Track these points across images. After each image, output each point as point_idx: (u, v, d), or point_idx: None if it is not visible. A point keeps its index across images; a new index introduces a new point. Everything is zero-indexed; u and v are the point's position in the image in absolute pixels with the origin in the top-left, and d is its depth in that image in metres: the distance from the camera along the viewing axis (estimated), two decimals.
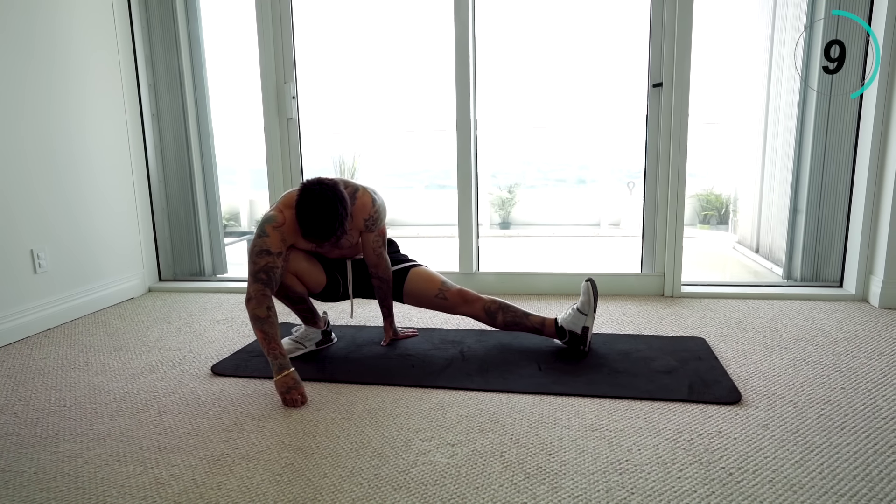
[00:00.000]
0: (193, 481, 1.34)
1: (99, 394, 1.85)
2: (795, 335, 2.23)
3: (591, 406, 1.68)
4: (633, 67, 2.64)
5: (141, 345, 2.32)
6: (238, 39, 3.12)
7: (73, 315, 2.67)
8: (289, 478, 1.34)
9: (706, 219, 5.22)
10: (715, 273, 4.00)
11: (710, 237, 4.94)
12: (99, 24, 2.84)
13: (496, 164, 6.07)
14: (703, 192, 5.28)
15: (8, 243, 2.38)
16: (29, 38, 2.46)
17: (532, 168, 6.13)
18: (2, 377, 2.02)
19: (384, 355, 2.13)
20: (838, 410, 1.61)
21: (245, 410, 1.70)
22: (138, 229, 3.14)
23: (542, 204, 5.83)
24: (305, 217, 1.74)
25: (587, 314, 2.06)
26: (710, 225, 5.16)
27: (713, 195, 5.22)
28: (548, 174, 6.11)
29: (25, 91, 2.45)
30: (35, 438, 1.57)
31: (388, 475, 1.35)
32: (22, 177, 2.43)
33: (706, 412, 1.62)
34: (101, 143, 2.87)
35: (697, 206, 5.28)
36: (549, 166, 6.14)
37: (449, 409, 1.68)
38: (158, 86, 3.22)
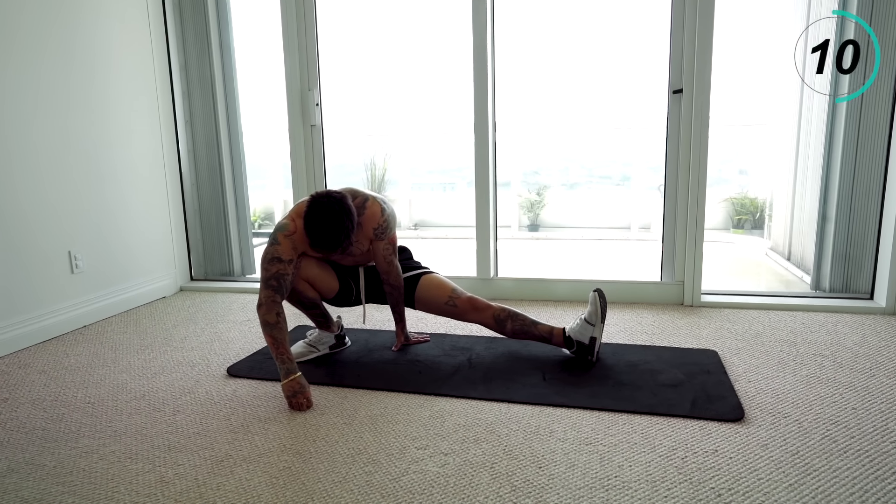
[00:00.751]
0: (196, 481, 1.41)
1: (121, 391, 1.96)
2: (814, 350, 2.17)
3: (589, 419, 1.68)
4: (665, 69, 2.60)
5: (166, 344, 2.43)
6: (267, 45, 3.21)
7: (107, 313, 2.82)
8: (284, 481, 1.40)
9: (740, 223, 5.08)
10: (744, 280, 3.90)
11: (743, 242, 4.81)
12: (135, 33, 2.98)
13: (526, 165, 6.05)
14: (737, 195, 5.14)
15: (47, 245, 2.53)
16: (70, 48, 2.60)
17: (563, 170, 6.08)
18: (37, 373, 2.15)
19: (393, 360, 2.17)
20: (845, 432, 1.57)
21: (253, 412, 1.78)
22: (171, 231, 3.27)
23: (572, 206, 5.78)
24: (313, 229, 1.80)
25: (594, 324, 2.06)
26: (744, 230, 5.02)
27: (748, 199, 5.07)
28: (579, 176, 6.05)
29: (65, 98, 2.59)
30: (58, 433, 1.68)
31: (379, 482, 1.39)
32: (60, 181, 2.58)
33: (706, 429, 1.60)
34: (137, 148, 3.00)
35: (731, 210, 5.14)
36: (580, 168, 6.08)
37: (448, 418, 1.71)
38: (192, 92, 3.35)
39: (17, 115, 2.39)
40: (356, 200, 2.00)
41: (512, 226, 5.65)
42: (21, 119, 2.40)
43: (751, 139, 5.08)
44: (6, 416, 1.80)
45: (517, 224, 5.65)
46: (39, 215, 2.49)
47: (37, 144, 2.47)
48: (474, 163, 2.93)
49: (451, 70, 5.21)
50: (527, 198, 5.65)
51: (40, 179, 2.49)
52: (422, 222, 6.03)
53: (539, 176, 5.99)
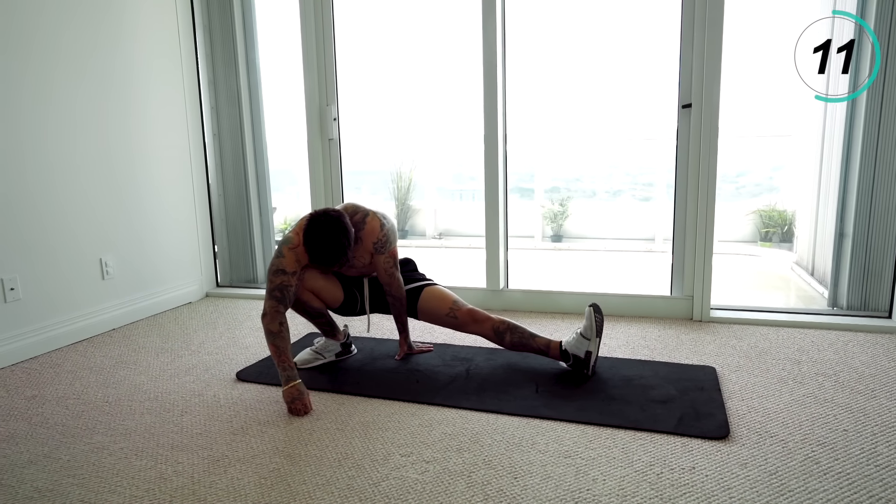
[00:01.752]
0: (191, 479, 1.51)
1: (138, 392, 2.09)
2: (817, 369, 2.14)
3: (573, 432, 1.71)
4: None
5: (184, 348, 2.57)
6: (291, 62, 3.34)
7: (134, 317, 2.99)
8: (272, 482, 1.49)
9: (767, 236, 4.97)
10: (763, 295, 3.83)
11: (770, 256, 4.70)
12: (167, 52, 3.16)
13: (550, 177, 6.06)
14: (765, 207, 5.03)
15: (81, 253, 2.71)
16: (107, 67, 2.78)
17: (587, 181, 6.07)
18: (66, 372, 2.31)
19: (394, 369, 2.25)
20: (830, 453, 1.56)
21: (254, 416, 1.88)
22: (197, 239, 3.44)
23: (597, 217, 5.76)
24: (311, 246, 1.89)
25: (590, 339, 2.09)
26: (771, 242, 4.91)
27: (775, 211, 4.96)
28: (604, 187, 6.02)
29: (98, 112, 2.77)
30: (76, 429, 1.81)
31: (360, 486, 1.46)
32: (93, 191, 2.76)
33: (687, 446, 1.62)
34: (166, 161, 3.18)
35: (759, 223, 5.03)
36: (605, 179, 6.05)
37: (437, 427, 1.77)
38: (220, 107, 3.52)
39: (60, 130, 2.57)
40: (356, 216, 2.09)
41: (535, 236, 5.67)
42: (63, 133, 2.59)
43: (779, 150, 4.97)
44: (33, 412, 1.95)
45: (540, 234, 5.67)
46: (74, 224, 2.67)
47: (75, 158, 2.66)
48: (484, 174, 2.98)
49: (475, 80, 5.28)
50: (549, 209, 5.66)
51: (78, 190, 2.67)
52: (447, 231, 6.11)
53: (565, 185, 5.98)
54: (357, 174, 6.68)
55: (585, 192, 5.96)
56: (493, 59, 2.85)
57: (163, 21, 3.14)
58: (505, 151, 3.00)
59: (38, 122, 2.50)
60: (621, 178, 5.96)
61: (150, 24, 3.05)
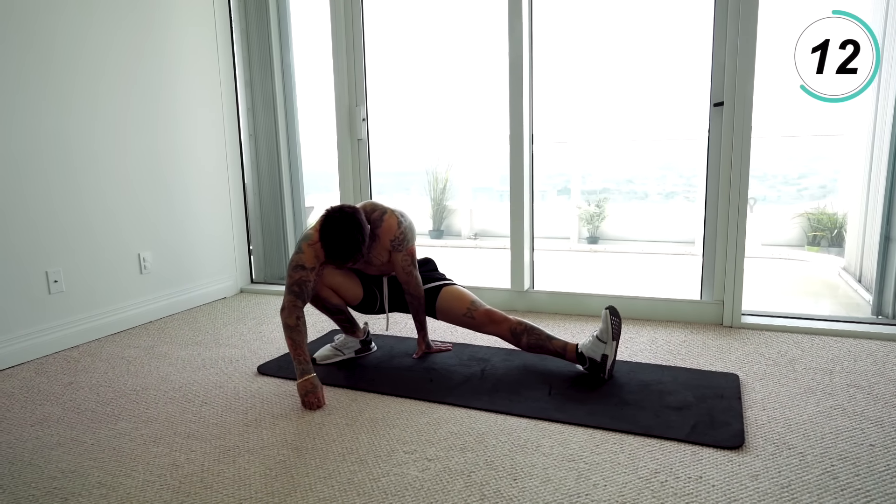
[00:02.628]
0: (202, 467, 1.57)
1: (164, 382, 2.18)
2: (850, 380, 2.03)
3: (580, 436, 1.69)
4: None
5: (213, 341, 2.66)
6: (324, 65, 3.42)
7: (170, 311, 3.11)
8: (276, 473, 1.53)
9: (815, 240, 4.73)
10: (807, 301, 3.65)
11: (817, 260, 4.48)
12: (204, 53, 3.28)
13: (590, 176, 5.97)
14: (813, 210, 4.79)
15: (121, 248, 2.85)
16: (147, 71, 2.91)
17: (628, 181, 5.94)
18: (101, 361, 2.43)
19: (410, 368, 2.26)
20: (851, 469, 1.48)
21: (269, 409, 1.93)
22: (233, 237, 3.55)
23: (634, 219, 5.63)
24: (325, 242, 1.93)
25: (606, 342, 2.05)
26: (819, 247, 4.68)
27: (824, 214, 4.72)
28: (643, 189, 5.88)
29: (139, 115, 2.91)
30: (103, 415, 1.91)
31: (360, 481, 1.48)
32: (134, 190, 2.89)
33: (698, 455, 1.57)
34: (203, 161, 3.30)
35: (807, 226, 4.80)
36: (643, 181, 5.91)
37: (444, 425, 1.77)
38: (256, 108, 3.63)
39: (104, 132, 2.71)
40: (374, 214, 2.11)
41: (571, 237, 5.59)
42: (105, 136, 2.73)
43: (830, 150, 4.74)
44: (67, 398, 2.06)
45: (576, 236, 5.58)
46: (115, 221, 2.81)
47: (115, 158, 2.79)
48: (509, 174, 2.97)
49: None
50: (585, 210, 5.57)
51: (118, 189, 2.81)
52: (482, 232, 6.10)
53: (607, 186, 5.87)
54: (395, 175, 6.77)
55: (625, 193, 5.85)
56: (518, 59, 2.83)
57: (202, 27, 3.26)
58: (531, 152, 2.97)
59: (84, 125, 2.64)
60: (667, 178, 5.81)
61: (190, 32, 3.17)
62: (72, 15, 2.58)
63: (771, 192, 5.63)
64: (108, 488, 1.48)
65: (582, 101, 5.54)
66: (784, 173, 5.57)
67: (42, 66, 2.48)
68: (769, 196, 5.52)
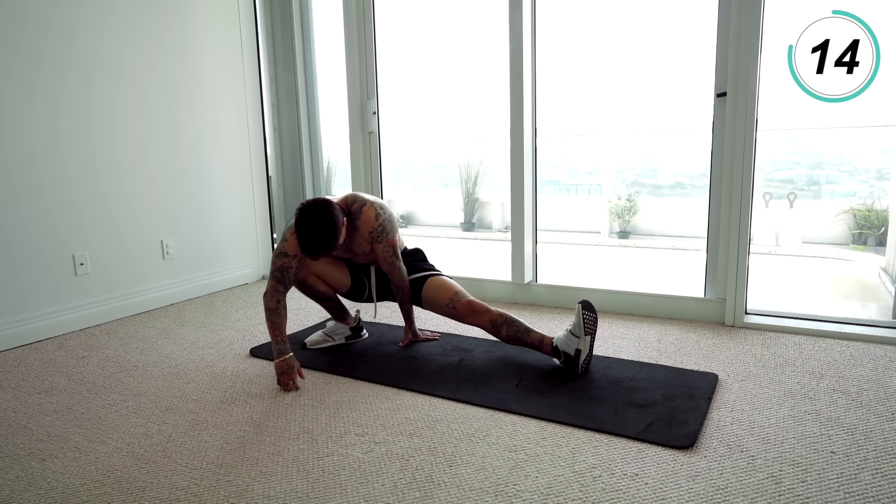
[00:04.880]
0: (168, 437, 1.69)
1: (164, 360, 2.34)
2: (838, 385, 1.93)
3: (531, 428, 1.70)
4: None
5: (220, 324, 2.81)
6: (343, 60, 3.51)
7: (190, 295, 3.31)
8: (232, 447, 1.63)
9: (861, 238, 4.42)
10: (836, 302, 3.44)
11: (862, 260, 4.20)
12: (229, 50, 3.44)
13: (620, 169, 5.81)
14: (859, 205, 4.47)
15: (145, 234, 3.05)
16: (173, 64, 3.10)
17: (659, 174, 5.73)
18: (117, 339, 2.63)
19: (392, 355, 2.32)
20: (799, 475, 1.42)
21: (247, 388, 2.04)
22: (255, 226, 3.72)
23: (667, 213, 5.44)
24: (300, 236, 2.00)
25: (579, 336, 2.04)
26: (865, 245, 4.37)
27: (871, 210, 4.39)
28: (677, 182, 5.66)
29: (166, 107, 3.10)
30: (101, 387, 2.07)
31: (304, 459, 1.56)
32: (159, 178, 3.09)
33: (643, 452, 1.55)
34: (226, 152, 3.47)
35: (852, 223, 4.49)
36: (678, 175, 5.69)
37: (402, 411, 1.82)
38: (280, 103, 3.78)
39: (130, 122, 2.92)
40: (354, 206, 2.18)
41: (602, 232, 5.48)
42: (133, 125, 2.93)
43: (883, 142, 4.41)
44: (76, 370, 2.25)
45: (607, 230, 5.46)
46: (140, 208, 3.01)
47: (144, 147, 2.99)
48: (510, 166, 2.96)
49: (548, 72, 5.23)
50: (616, 204, 5.44)
51: (144, 177, 3.01)
52: None
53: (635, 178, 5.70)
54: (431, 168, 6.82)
55: (657, 187, 5.65)
56: (518, 51, 2.82)
57: (227, 25, 3.41)
58: (533, 145, 2.95)
59: (110, 116, 2.85)
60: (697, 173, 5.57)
61: (215, 28, 3.33)
62: (92, 7, 2.78)
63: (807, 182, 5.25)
64: (82, 452, 1.63)
65: (607, 94, 5.39)
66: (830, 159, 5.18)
67: (63, 61, 2.68)
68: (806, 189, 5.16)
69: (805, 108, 2.36)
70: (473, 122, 5.78)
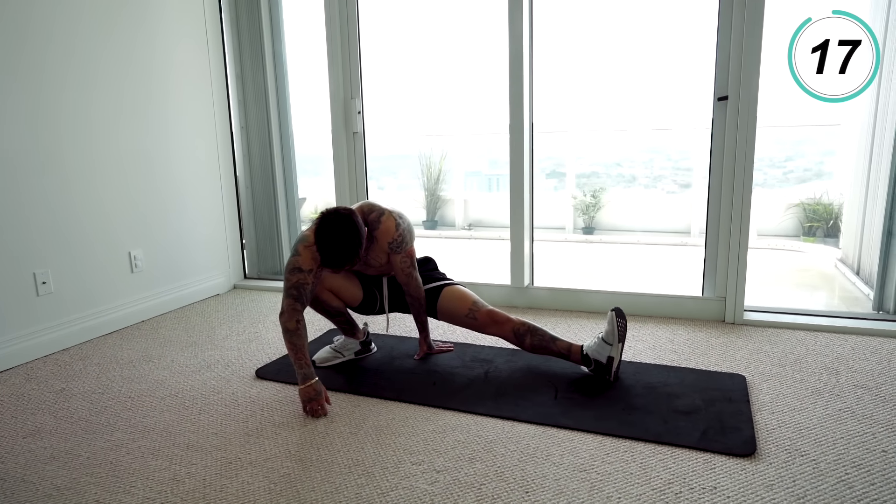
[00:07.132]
0: (203, 481, 1.52)
1: (159, 388, 2.12)
2: (856, 380, 2.02)
3: (590, 443, 1.66)
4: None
5: (208, 342, 2.60)
6: (316, 56, 3.32)
7: (163, 310, 3.04)
8: (281, 487, 1.49)
9: (811, 230, 4.73)
10: (805, 295, 3.65)
11: (814, 252, 4.48)
12: (193, 46, 3.17)
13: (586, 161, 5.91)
14: (809, 200, 4.78)
15: (110, 247, 2.77)
16: (138, 64, 2.81)
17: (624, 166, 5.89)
18: (93, 365, 2.37)
19: (412, 370, 2.22)
20: (866, 477, 1.46)
21: (270, 417, 1.88)
22: (225, 232, 3.48)
23: (630, 209, 5.60)
24: (321, 246, 1.86)
25: (612, 344, 2.02)
26: (815, 238, 4.68)
27: (820, 204, 4.71)
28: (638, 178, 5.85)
29: (124, 106, 2.81)
30: (98, 425, 1.85)
31: (368, 496, 1.44)
32: (122, 186, 2.81)
33: (710, 463, 1.54)
34: (193, 154, 3.21)
35: (802, 216, 4.80)
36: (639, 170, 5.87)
37: (450, 433, 1.74)
38: (247, 101, 3.53)
39: (95, 128, 2.62)
40: (372, 215, 2.06)
41: (566, 228, 5.56)
42: (90, 133, 2.63)
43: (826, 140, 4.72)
44: (59, 406, 2.00)
45: (571, 226, 5.55)
46: (103, 219, 2.72)
47: (101, 155, 2.70)
48: (509, 166, 2.90)
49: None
50: (581, 200, 5.53)
51: (107, 186, 2.72)
52: (477, 222, 6.05)
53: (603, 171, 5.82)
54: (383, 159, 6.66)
55: (623, 178, 5.79)
56: (518, 49, 2.77)
57: (191, 19, 3.15)
58: (531, 142, 2.91)
59: (70, 122, 2.55)
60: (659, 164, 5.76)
61: (178, 23, 3.06)
62: (62, 10, 2.47)
63: (757, 174, 5.58)
64: None
65: (581, 90, 5.47)
66: (770, 155, 5.51)
67: (32, 65, 2.37)
68: (755, 179, 5.47)
69: (805, 107, 2.44)
70: (435, 119, 5.70)
